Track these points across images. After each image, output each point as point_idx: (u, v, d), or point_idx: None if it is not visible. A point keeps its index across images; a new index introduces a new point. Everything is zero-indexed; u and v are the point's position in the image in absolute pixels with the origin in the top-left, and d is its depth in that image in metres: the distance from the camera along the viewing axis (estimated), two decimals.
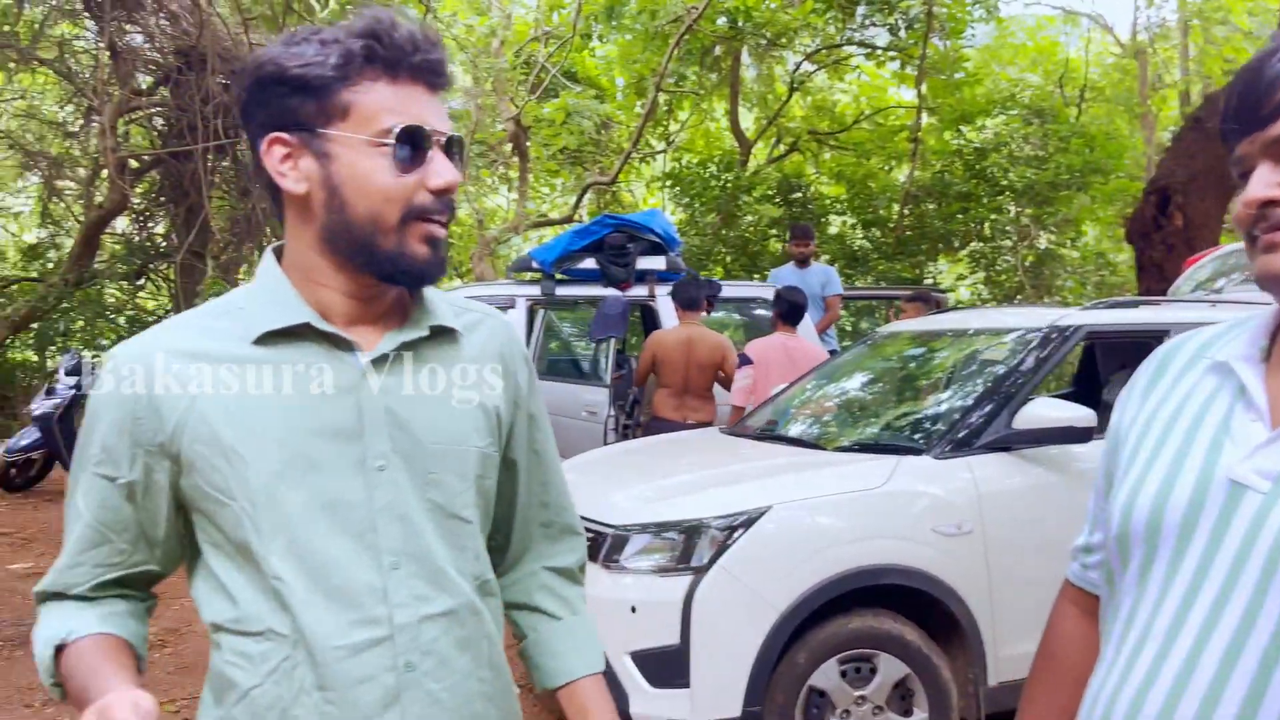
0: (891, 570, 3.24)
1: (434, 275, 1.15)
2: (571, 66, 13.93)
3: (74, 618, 1.14)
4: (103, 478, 1.15)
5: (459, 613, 1.17)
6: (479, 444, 1.21)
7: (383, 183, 1.10)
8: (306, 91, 1.10)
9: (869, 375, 4.73)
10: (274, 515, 1.11)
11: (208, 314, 1.19)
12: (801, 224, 7.71)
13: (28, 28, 11.24)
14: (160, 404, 1.12)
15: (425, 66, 1.12)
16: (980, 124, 13.91)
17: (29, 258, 13.66)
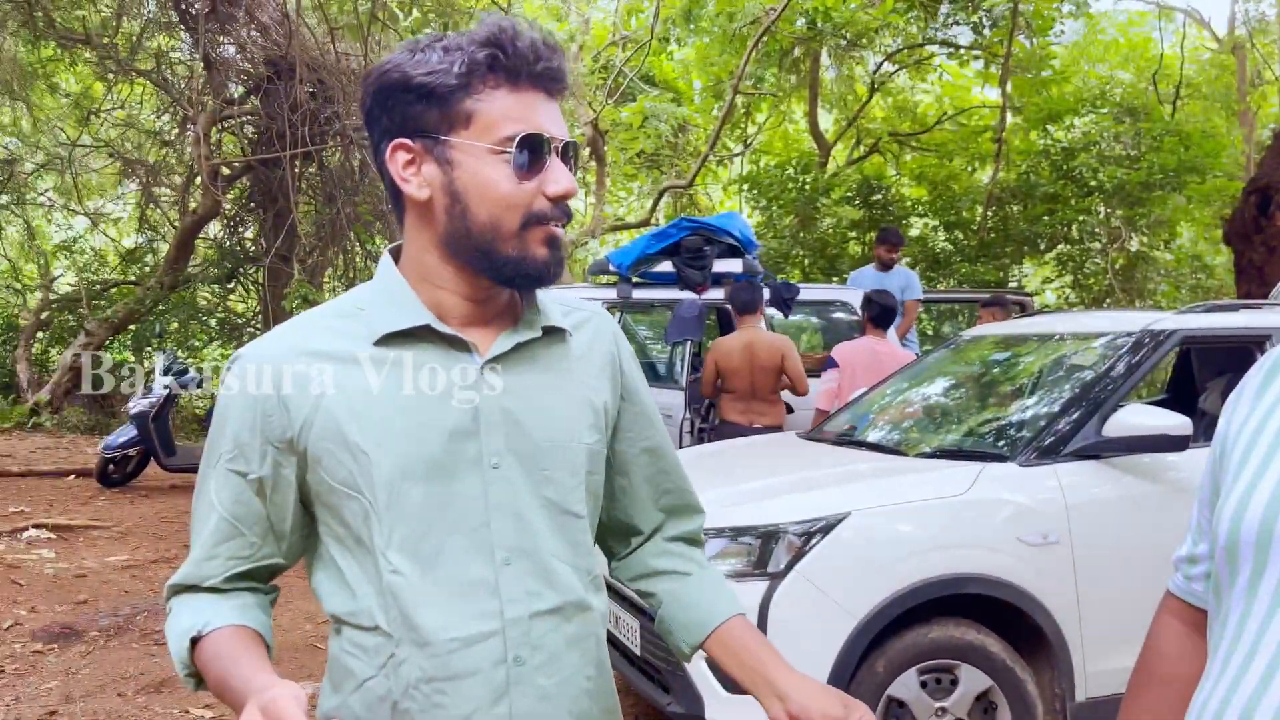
0: (974, 579, 3.16)
1: (553, 276, 1.18)
2: (649, 70, 13.97)
3: (209, 610, 1.18)
4: (235, 473, 1.19)
5: (567, 609, 1.19)
6: (588, 440, 1.24)
7: (504, 190, 1.13)
8: (430, 99, 1.13)
9: (951, 380, 4.62)
10: (395, 510, 1.14)
11: (330, 314, 1.23)
12: (891, 228, 7.57)
13: (126, 40, 11.68)
14: (289, 402, 1.16)
15: (546, 74, 1.14)
16: (1068, 123, 13.55)
17: (128, 262, 14.20)
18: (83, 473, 8.41)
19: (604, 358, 1.30)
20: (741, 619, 1.31)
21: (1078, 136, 13.27)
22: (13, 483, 8.01)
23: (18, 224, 14.50)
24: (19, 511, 6.93)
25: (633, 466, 1.36)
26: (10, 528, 6.35)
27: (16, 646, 4.41)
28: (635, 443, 1.35)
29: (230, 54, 11.70)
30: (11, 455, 9.14)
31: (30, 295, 14.44)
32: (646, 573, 1.39)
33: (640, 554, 1.41)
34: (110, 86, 12.80)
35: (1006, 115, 13.21)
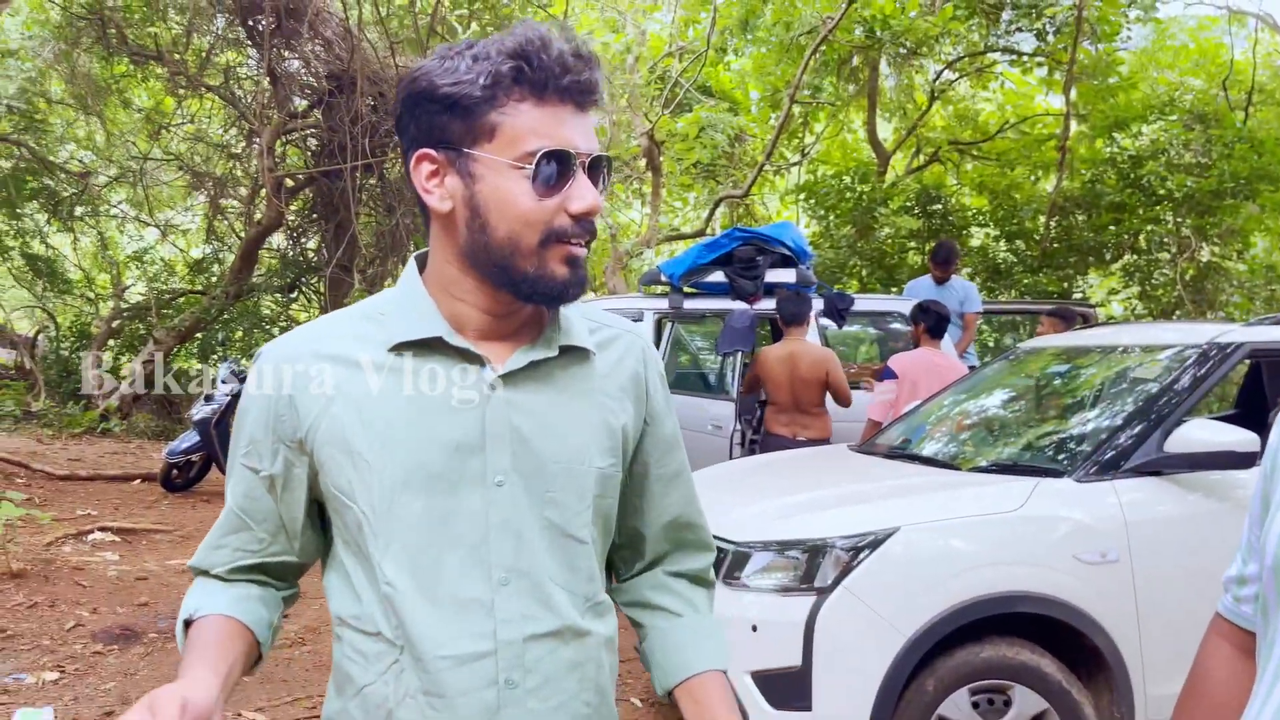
0: (1028, 598, 3.07)
1: (573, 295, 1.15)
2: (706, 81, 13.95)
3: (206, 596, 1.21)
4: (248, 469, 1.21)
5: (564, 634, 1.17)
6: (600, 464, 1.21)
7: (524, 206, 1.11)
8: (455, 110, 1.11)
9: (1008, 393, 4.52)
10: (392, 522, 1.13)
11: (353, 317, 1.22)
12: (944, 243, 7.39)
13: (196, 56, 12.01)
14: (299, 403, 1.16)
15: (574, 87, 1.10)
16: (1136, 131, 13.21)
17: (195, 272, 14.56)
18: (148, 477, 8.61)
19: (629, 378, 1.27)
20: (717, 676, 1.28)
21: (1145, 144, 12.93)
22: (81, 486, 8.24)
23: (92, 235, 14.94)
24: (86, 514, 7.12)
25: (647, 491, 1.33)
26: (77, 530, 6.52)
27: (77, 647, 4.52)
28: (653, 468, 1.32)
29: (294, 68, 11.98)
30: (81, 460, 9.40)
31: (103, 304, 14.86)
32: (640, 602, 1.36)
33: (638, 582, 1.37)
34: (180, 101, 13.17)
35: (1071, 123, 12.94)
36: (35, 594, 5.16)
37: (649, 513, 1.34)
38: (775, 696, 3.06)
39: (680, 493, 1.35)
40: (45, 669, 4.22)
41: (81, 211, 14.25)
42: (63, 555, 5.97)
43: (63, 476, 8.33)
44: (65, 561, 5.82)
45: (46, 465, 8.54)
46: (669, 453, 1.33)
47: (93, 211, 14.47)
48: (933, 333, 5.44)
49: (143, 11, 11.47)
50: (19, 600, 5.04)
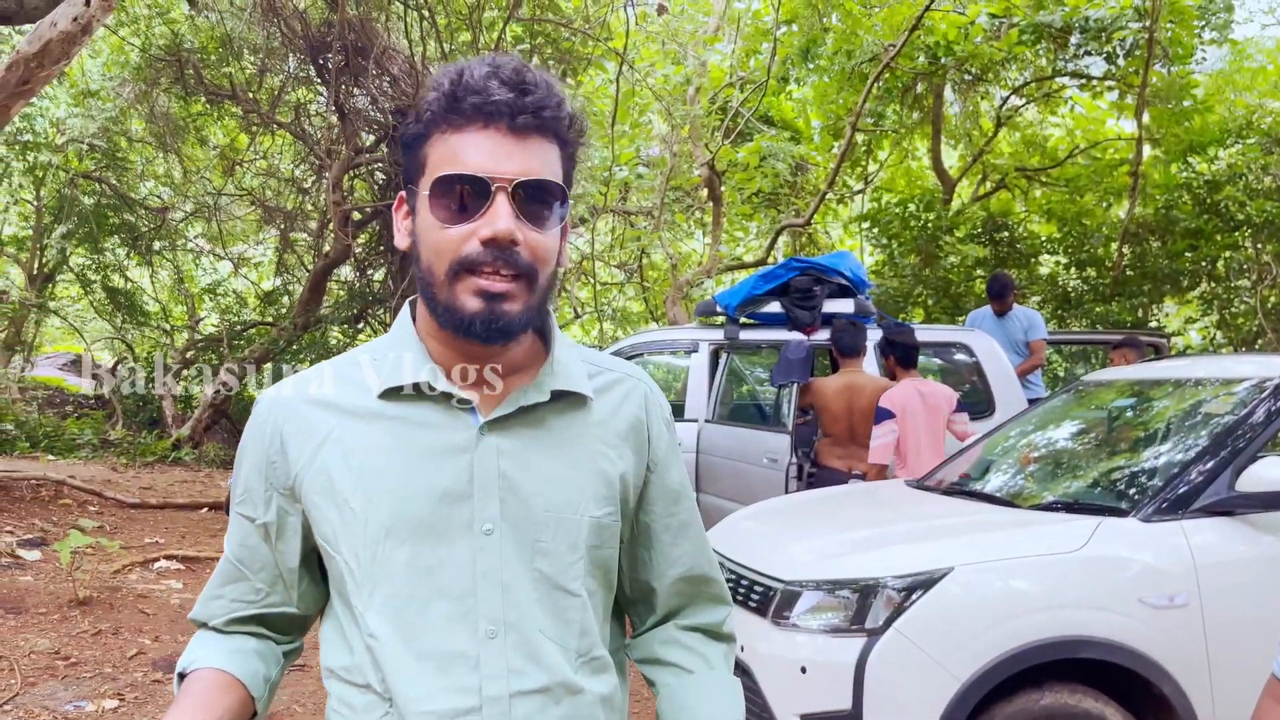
0: (1090, 643, 2.94)
1: (485, 331, 1.09)
2: (767, 110, 13.93)
3: (202, 649, 1.18)
4: (244, 517, 1.19)
5: (554, 691, 1.12)
6: (594, 513, 1.17)
7: (433, 237, 1.09)
8: (407, 149, 1.13)
9: (1072, 427, 4.37)
10: (376, 572, 1.10)
11: (346, 363, 1.21)
12: (998, 277, 7.24)
13: (268, 94, 12.37)
14: (289, 449, 1.15)
15: (490, 108, 1.06)
16: (1212, 155, 12.85)
17: (266, 303, 14.91)
18: (215, 505, 8.79)
19: (628, 424, 1.22)
20: None
21: (1222, 168, 12.56)
22: (151, 514, 8.43)
23: (169, 268, 15.41)
24: (154, 543, 7.28)
25: (654, 543, 1.28)
26: (144, 558, 6.66)
27: (138, 675, 4.59)
28: (659, 518, 1.27)
29: (362, 105, 12.25)
30: (152, 488, 9.63)
31: (178, 335, 15.30)
32: (652, 658, 1.31)
33: (650, 637, 1.33)
34: (253, 138, 13.57)
35: (1144, 148, 12.63)
36: (100, 621, 5.27)
37: (658, 565, 1.29)
38: None
39: (691, 544, 1.30)
40: (105, 696, 4.29)
41: (160, 246, 14.72)
42: (128, 583, 6.09)
43: (134, 504, 8.54)
44: (131, 589, 5.94)
45: (119, 493, 8.77)
46: (676, 502, 1.29)
47: (170, 246, 14.93)
48: (903, 364, 5.31)
49: (218, 52, 11.85)
50: (84, 628, 5.15)
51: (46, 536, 6.89)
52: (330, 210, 12.01)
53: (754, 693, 3.14)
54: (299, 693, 4.49)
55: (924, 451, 5.01)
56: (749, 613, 3.30)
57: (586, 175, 12.71)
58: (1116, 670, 2.98)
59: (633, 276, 15.84)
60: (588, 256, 14.80)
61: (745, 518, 4.19)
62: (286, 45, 11.69)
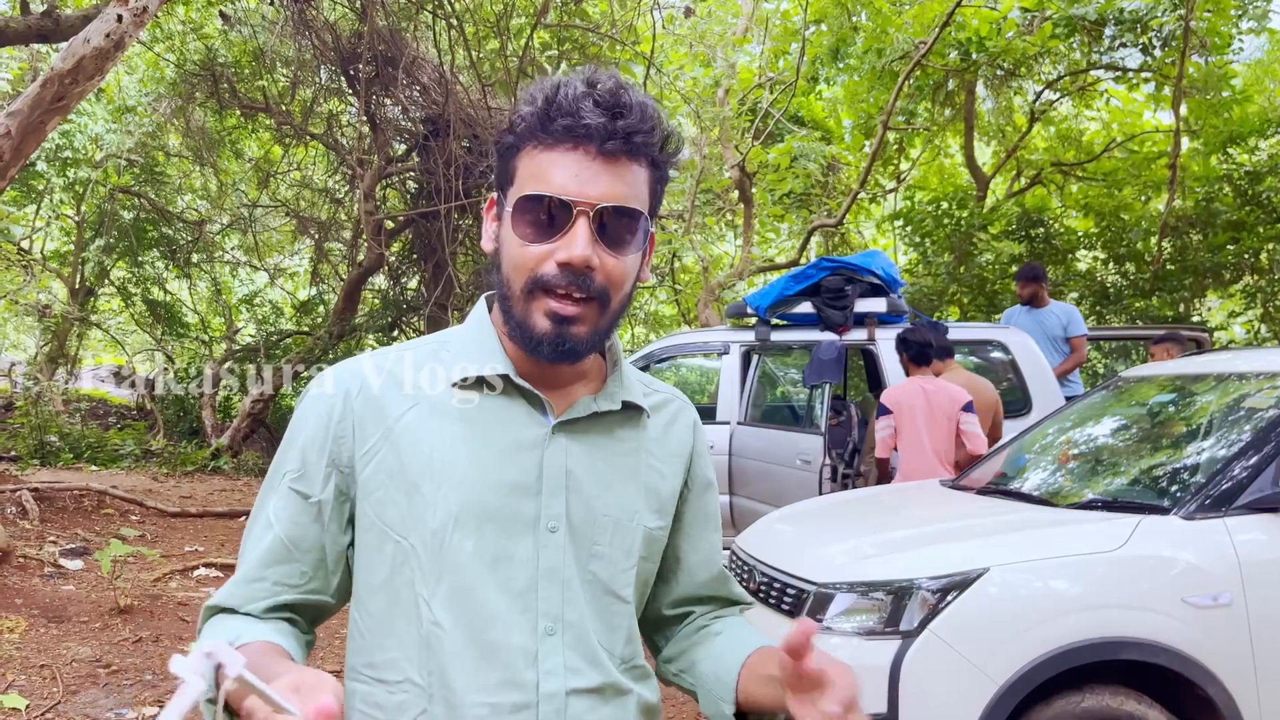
0: (1132, 644, 2.88)
1: (552, 353, 1.10)
2: (797, 110, 13.88)
3: (242, 627, 1.10)
4: (297, 493, 1.15)
5: (605, 692, 1.13)
6: (649, 524, 1.19)
7: (514, 252, 1.11)
8: (500, 155, 1.15)
9: (1111, 423, 4.29)
10: (443, 560, 1.10)
11: (420, 348, 1.21)
12: (1029, 265, 7.15)
13: (301, 106, 12.50)
14: (361, 427, 1.14)
15: (583, 131, 1.06)
16: (1253, 145, 12.61)
17: (301, 313, 15.07)
18: None
19: (680, 444, 1.27)
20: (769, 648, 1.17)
21: (1263, 159, 12.32)
22: (191, 523, 8.53)
23: (206, 280, 15.63)
24: (193, 551, 7.36)
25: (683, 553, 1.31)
26: (184, 566, 6.73)
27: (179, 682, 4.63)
28: (688, 537, 1.30)
29: (393, 114, 12.35)
30: (192, 497, 9.75)
31: (216, 346, 15.50)
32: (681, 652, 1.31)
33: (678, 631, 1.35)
34: (287, 150, 13.73)
35: (1182, 140, 12.41)
36: (140, 629, 5.33)
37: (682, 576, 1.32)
38: None
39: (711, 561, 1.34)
40: (146, 704, 4.34)
41: (197, 258, 14.93)
42: (169, 591, 6.16)
43: (174, 513, 8.64)
44: (171, 597, 6.01)
45: (160, 502, 8.88)
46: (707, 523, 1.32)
47: (207, 258, 15.14)
48: (916, 360, 5.21)
49: (251, 66, 12.01)
50: (125, 635, 5.21)
51: (89, 546, 6.99)
52: (363, 220, 12.12)
53: None
54: None
55: (926, 450, 4.98)
56: (781, 615, 3.27)
57: None
58: (1159, 672, 2.91)
59: (664, 280, 15.82)
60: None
61: (778, 520, 4.15)
62: (318, 57, 11.81)
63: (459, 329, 1.23)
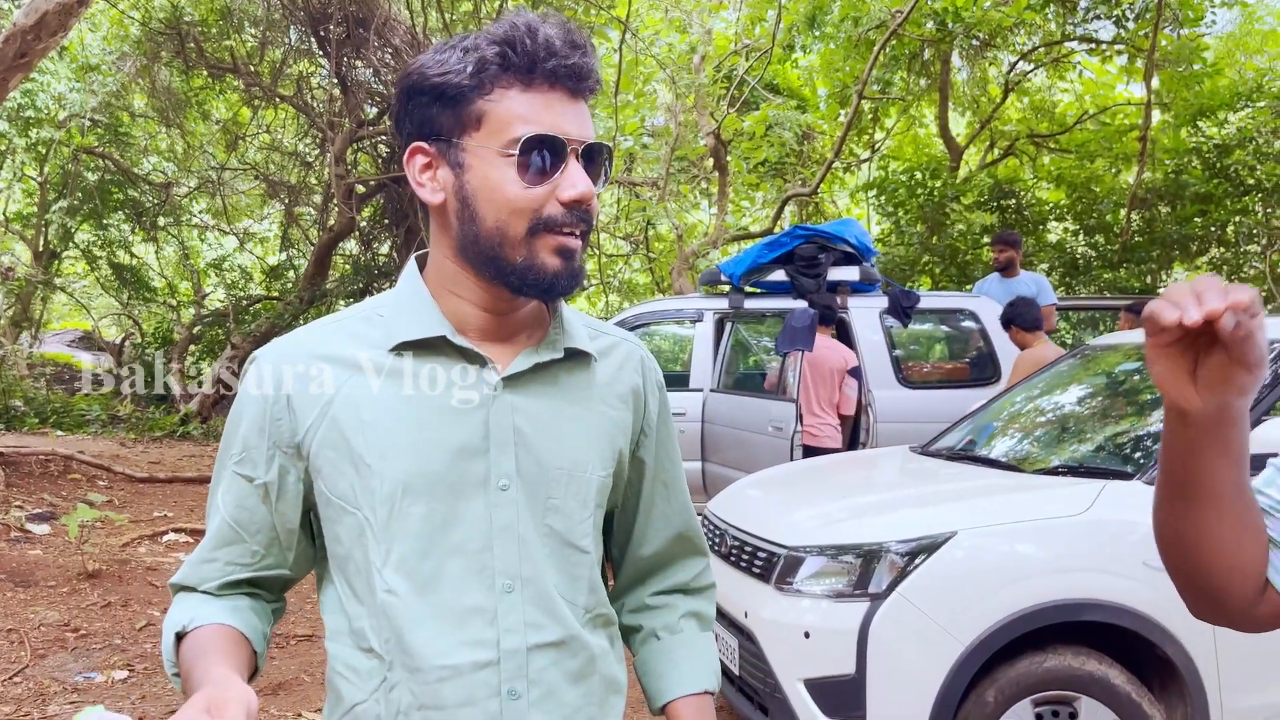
0: (1094, 606, 2.93)
1: (565, 287, 1.11)
2: (773, 78, 13.82)
3: (198, 608, 1.14)
4: (241, 477, 1.16)
5: (569, 644, 1.14)
6: (600, 472, 1.19)
7: (510, 194, 1.08)
8: (444, 101, 1.09)
9: (1078, 391, 4.35)
10: (394, 527, 1.10)
11: (352, 317, 1.19)
12: (1005, 231, 7.21)
13: (270, 67, 12.30)
14: (297, 405, 1.13)
15: (562, 71, 1.07)
16: (1222, 119, 12.72)
17: (271, 278, 14.91)
18: None
19: (628, 388, 1.25)
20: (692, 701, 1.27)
21: (1232, 132, 12.44)
22: (160, 489, 8.48)
23: (174, 244, 15.42)
24: (162, 516, 7.32)
25: (645, 505, 1.31)
26: (152, 532, 6.70)
27: (147, 646, 4.62)
28: (650, 481, 1.30)
29: (364, 77, 12.19)
30: (161, 462, 9.68)
31: (184, 311, 15.32)
32: (632, 625, 1.35)
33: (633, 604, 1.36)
34: (256, 112, 13.52)
35: (1153, 112, 12.50)
36: (109, 594, 5.30)
37: (648, 527, 1.32)
38: (829, 705, 2.98)
39: (677, 504, 1.33)
40: (115, 668, 4.33)
41: (164, 221, 14.71)
42: (137, 556, 6.13)
43: (142, 479, 8.58)
44: (140, 562, 5.98)
45: (128, 468, 8.81)
46: (665, 464, 1.31)
47: (174, 221, 14.93)
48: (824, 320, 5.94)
49: (219, 25, 11.79)
50: (93, 600, 5.19)
51: (55, 511, 6.93)
52: (334, 184, 11.98)
53: (757, 658, 3.15)
54: (307, 662, 4.52)
55: (814, 409, 5.65)
56: (752, 578, 3.30)
57: None
58: (1121, 633, 2.97)
59: (638, 248, 15.79)
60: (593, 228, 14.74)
61: (749, 485, 4.18)
62: (287, 17, 11.62)
63: (390, 294, 1.21)
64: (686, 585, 1.35)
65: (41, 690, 4.03)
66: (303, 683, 4.30)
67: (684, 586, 1.35)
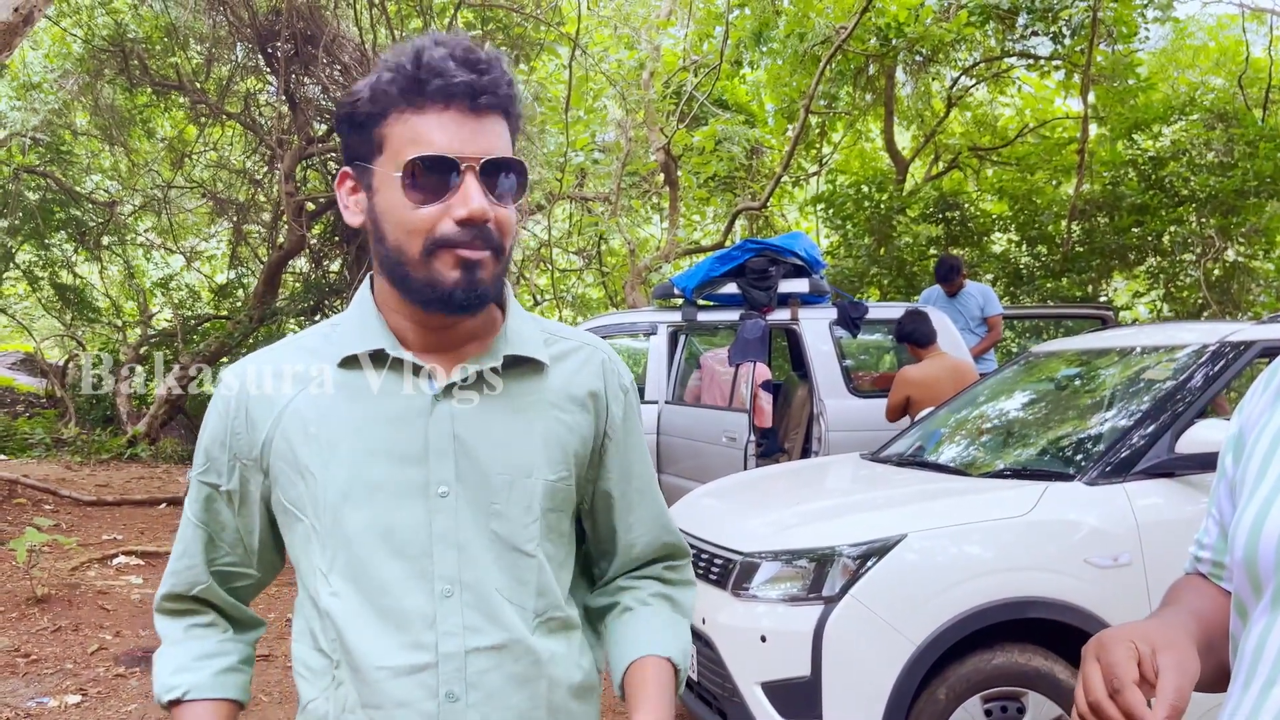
0: (1039, 603, 3.04)
1: (464, 298, 1.12)
2: (721, 94, 13.98)
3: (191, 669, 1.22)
4: (206, 484, 1.23)
5: (510, 648, 1.16)
6: (549, 476, 1.20)
7: (403, 216, 1.11)
8: (356, 128, 1.14)
9: (1022, 397, 4.48)
10: (337, 534, 1.14)
11: (308, 336, 1.25)
12: (943, 260, 7.29)
13: (216, 85, 12.18)
14: (253, 418, 1.19)
15: (454, 90, 1.08)
16: (1156, 132, 13.10)
17: (220, 297, 14.70)
18: (174, 501, 8.69)
19: (585, 391, 1.26)
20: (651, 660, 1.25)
21: (1166, 145, 12.82)
22: (108, 511, 8.32)
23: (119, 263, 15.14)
24: (111, 539, 7.19)
25: (616, 508, 1.32)
26: (102, 554, 6.58)
27: (100, 670, 4.56)
28: (617, 483, 1.31)
29: (313, 93, 12.11)
30: (109, 485, 9.50)
31: (130, 331, 15.05)
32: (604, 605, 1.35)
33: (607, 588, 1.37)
34: (202, 129, 13.36)
35: (1090, 126, 12.85)
36: (59, 618, 5.22)
37: (621, 531, 1.33)
38: (785, 707, 3.05)
39: (651, 508, 1.34)
40: (68, 692, 4.27)
41: (108, 240, 14.44)
42: (87, 579, 6.03)
43: (90, 502, 8.42)
44: (90, 586, 5.88)
45: (74, 491, 8.64)
46: (634, 465, 1.32)
47: (119, 240, 14.65)
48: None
49: (163, 42, 11.65)
50: (44, 625, 5.10)
51: (1, 535, 6.79)
52: (283, 201, 11.88)
53: (715, 663, 3.20)
54: (264, 683, 4.49)
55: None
56: (709, 585, 3.36)
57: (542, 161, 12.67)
58: (1065, 629, 3.07)
59: (591, 262, 15.83)
60: (545, 243, 14.77)
61: (705, 494, 4.25)
62: (233, 34, 11.51)
63: (344, 313, 1.25)
64: (664, 575, 1.36)
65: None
66: (260, 703, 4.27)
67: (661, 576, 1.36)
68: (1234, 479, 1.05)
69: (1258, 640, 0.93)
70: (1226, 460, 1.08)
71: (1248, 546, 0.95)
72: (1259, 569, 0.93)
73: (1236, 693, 0.94)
